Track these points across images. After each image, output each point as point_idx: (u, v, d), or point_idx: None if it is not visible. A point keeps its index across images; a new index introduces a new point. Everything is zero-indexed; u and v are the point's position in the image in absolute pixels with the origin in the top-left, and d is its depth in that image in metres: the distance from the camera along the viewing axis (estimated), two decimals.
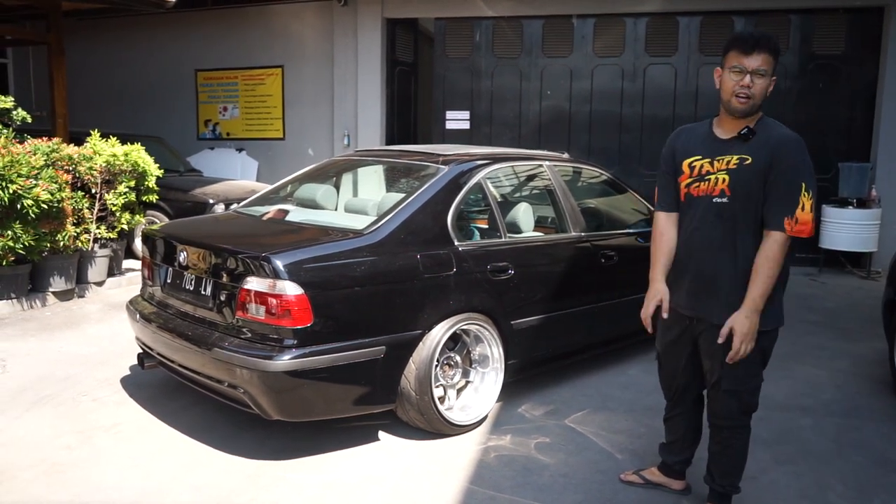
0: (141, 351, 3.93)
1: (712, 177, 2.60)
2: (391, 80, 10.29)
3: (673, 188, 2.78)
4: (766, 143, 2.53)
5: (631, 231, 4.85)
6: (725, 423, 2.73)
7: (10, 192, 5.35)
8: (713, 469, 2.83)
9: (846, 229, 8.04)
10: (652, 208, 4.95)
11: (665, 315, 2.75)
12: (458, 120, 10.01)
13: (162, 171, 7.05)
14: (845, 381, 4.64)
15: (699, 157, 2.66)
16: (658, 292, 2.76)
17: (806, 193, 2.45)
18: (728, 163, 2.58)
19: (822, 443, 3.66)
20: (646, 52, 9.28)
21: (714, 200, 2.59)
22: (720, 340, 2.53)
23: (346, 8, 10.05)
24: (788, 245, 2.49)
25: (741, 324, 2.48)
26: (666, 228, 2.81)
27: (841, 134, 8.76)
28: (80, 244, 6.31)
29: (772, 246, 2.48)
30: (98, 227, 6.55)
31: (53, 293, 6.13)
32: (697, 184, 2.65)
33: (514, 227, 4.14)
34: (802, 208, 2.44)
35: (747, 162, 2.54)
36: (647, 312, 2.78)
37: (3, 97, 6.31)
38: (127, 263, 7.33)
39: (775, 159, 2.48)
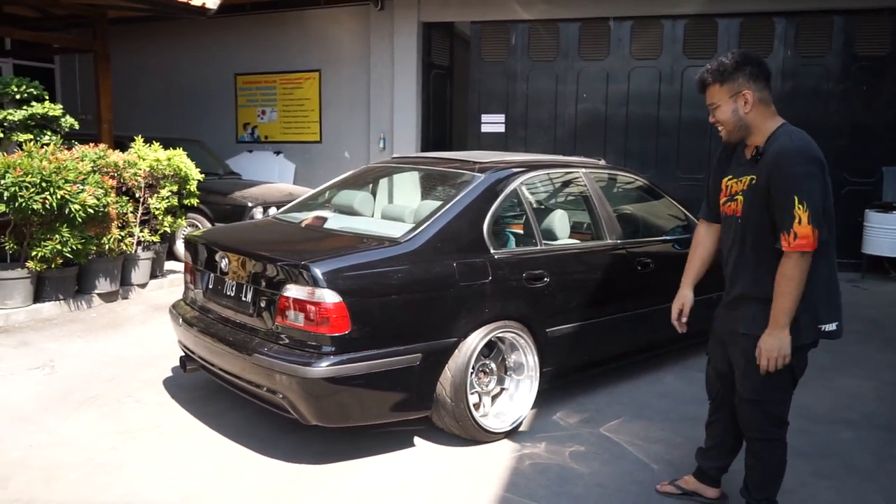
0: (183, 354, 4.03)
1: (738, 196, 2.68)
2: (427, 84, 10.34)
3: (715, 199, 2.87)
4: (767, 161, 2.54)
5: (668, 238, 4.81)
6: (755, 434, 2.75)
7: (58, 197, 5.51)
8: (749, 482, 2.83)
9: (890, 235, 7.84)
10: (688, 214, 4.95)
11: (685, 319, 2.93)
12: (493, 123, 10.02)
13: (202, 174, 7.19)
14: (889, 393, 4.54)
15: (731, 177, 2.74)
16: (680, 297, 2.96)
17: (800, 206, 2.39)
18: (745, 183, 2.64)
19: (864, 457, 3.59)
20: (684, 54, 9.18)
21: (737, 220, 2.69)
22: (759, 362, 2.55)
23: (383, 12, 10.14)
24: (804, 261, 2.43)
25: (764, 342, 2.53)
26: (703, 238, 2.99)
27: (885, 137, 8.54)
28: (124, 247, 6.48)
29: (784, 262, 2.47)
30: (141, 231, 6.71)
31: (98, 295, 6.30)
32: (729, 203, 2.73)
33: (550, 235, 4.14)
34: (799, 221, 2.39)
35: (754, 182, 2.59)
36: (672, 316, 2.97)
37: (52, 105, 6.51)
38: (168, 265, 7.49)
39: (771, 176, 2.49)
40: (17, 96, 6.44)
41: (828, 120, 8.44)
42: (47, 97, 6.66)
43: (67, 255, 5.78)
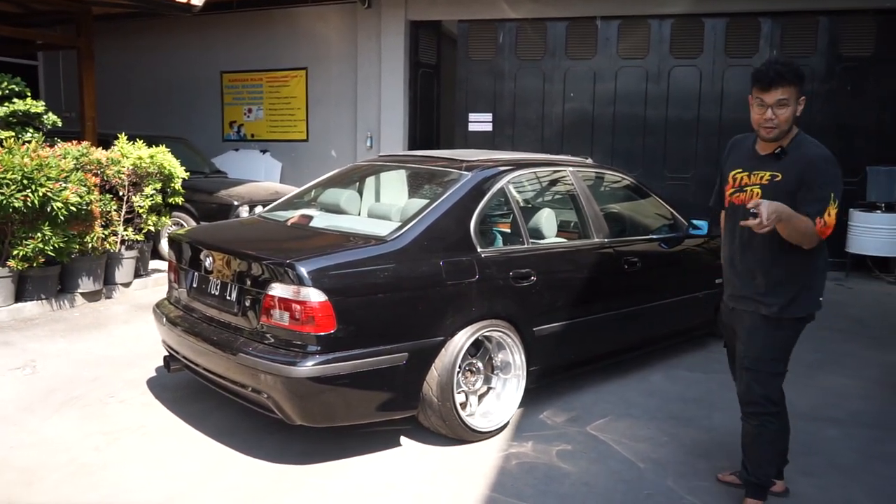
0: (167, 354, 3.99)
1: (749, 188, 2.87)
2: (414, 82, 10.32)
3: (723, 191, 3.07)
4: (797, 162, 2.77)
5: (654, 237, 4.82)
6: (751, 408, 2.90)
7: (40, 195, 5.44)
8: (746, 462, 2.96)
9: (874, 234, 7.91)
10: (675, 213, 4.97)
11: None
12: (480, 122, 10.01)
13: (187, 173, 7.13)
14: (874, 391, 4.57)
15: (741, 171, 2.93)
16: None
17: (833, 203, 2.68)
18: (762, 178, 2.85)
19: (848, 455, 3.61)
20: (670, 53, 9.21)
21: (751, 211, 2.79)
22: (749, 205, 2.58)
23: (370, 10, 10.11)
24: (817, 239, 2.69)
25: (770, 202, 2.56)
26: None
27: (869, 137, 8.62)
28: (107, 246, 6.41)
29: (810, 226, 2.65)
30: (125, 229, 6.65)
31: (81, 294, 6.23)
32: (738, 194, 2.93)
33: (537, 234, 4.13)
34: (829, 214, 2.67)
35: (777, 179, 2.80)
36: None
37: (34, 102, 6.43)
38: (153, 264, 7.42)
39: (806, 176, 2.73)
40: None
41: (813, 120, 8.46)
42: (29, 94, 6.58)
43: (50, 253, 5.71)
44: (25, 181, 5.39)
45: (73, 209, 5.70)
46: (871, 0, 8.34)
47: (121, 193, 6.60)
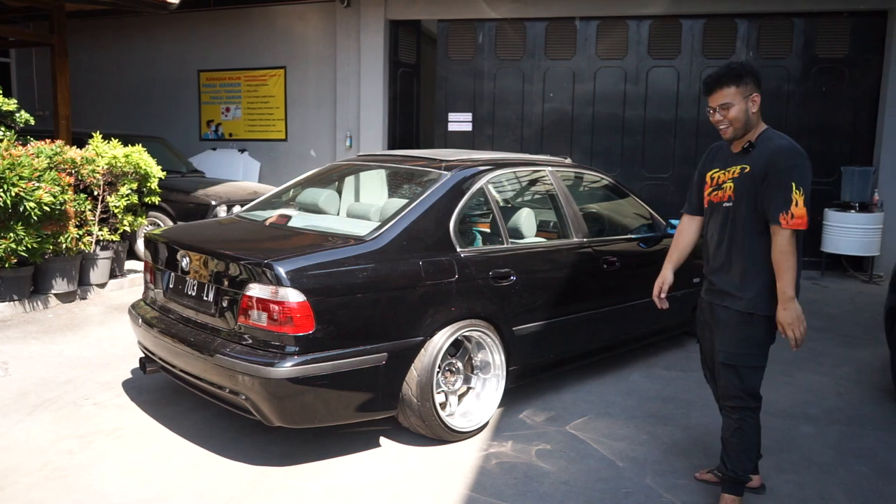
0: (143, 355, 3.94)
1: (725, 185, 2.96)
2: (394, 82, 10.29)
3: (698, 195, 3.18)
4: (763, 153, 2.85)
5: (633, 236, 4.84)
6: (732, 402, 2.92)
7: (13, 194, 5.35)
8: (724, 457, 2.98)
9: (848, 233, 8.02)
10: (653, 213, 5.01)
11: (664, 296, 3.21)
12: (460, 122, 10.01)
13: (164, 172, 7.05)
14: (848, 388, 4.63)
15: (717, 170, 3.04)
16: (661, 277, 3.25)
17: (797, 191, 2.72)
18: (734, 172, 2.94)
19: (824, 451, 3.66)
20: (649, 54, 9.28)
21: (724, 205, 2.98)
22: (786, 337, 2.79)
23: (349, 9, 10.06)
24: (795, 237, 2.75)
25: (781, 315, 2.78)
26: (685, 228, 3.28)
27: (844, 137, 8.75)
28: (82, 246, 6.32)
29: (779, 240, 2.76)
30: (100, 229, 6.56)
31: (55, 295, 6.14)
32: (716, 192, 3.02)
33: (517, 233, 4.14)
34: (796, 204, 2.71)
35: (746, 170, 2.89)
36: (654, 293, 3.23)
37: (6, 100, 6.32)
38: (129, 265, 7.34)
39: (769, 166, 2.80)
40: None
41: (789, 120, 8.60)
42: (1, 91, 6.46)
43: (22, 254, 5.62)
44: None
45: (47, 209, 5.62)
46: (845, 2, 8.46)
47: (96, 193, 6.51)
